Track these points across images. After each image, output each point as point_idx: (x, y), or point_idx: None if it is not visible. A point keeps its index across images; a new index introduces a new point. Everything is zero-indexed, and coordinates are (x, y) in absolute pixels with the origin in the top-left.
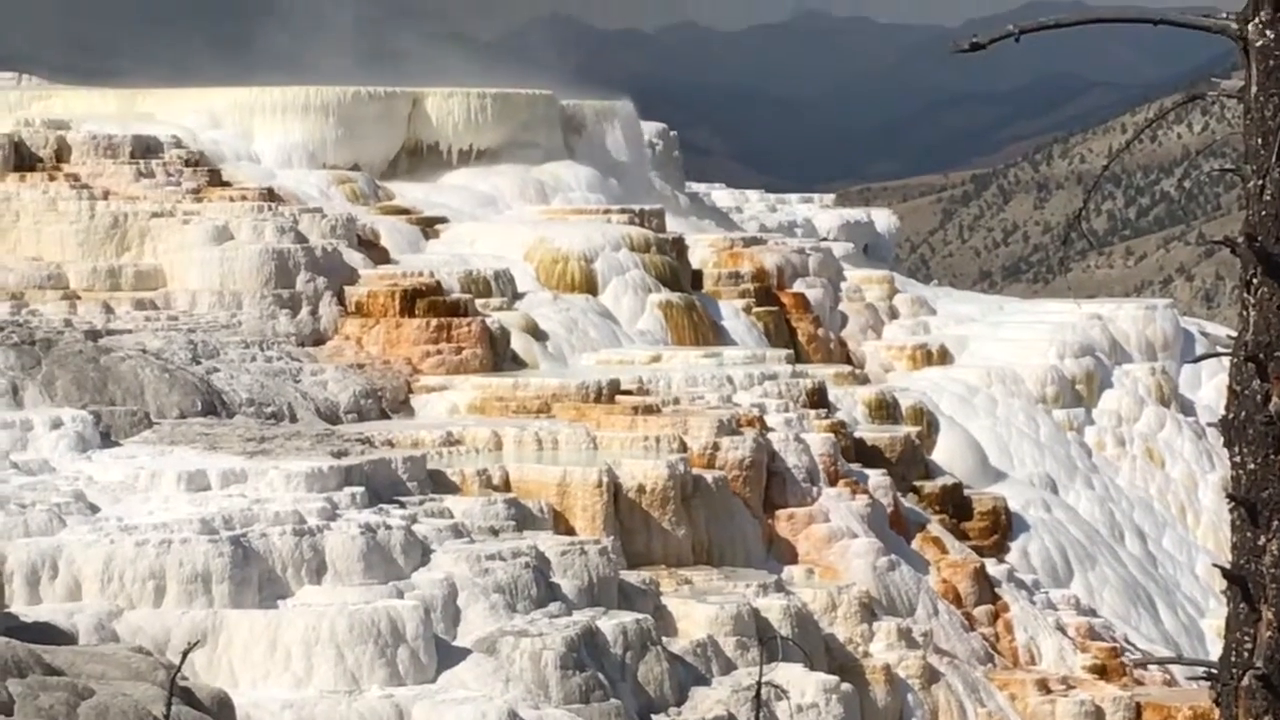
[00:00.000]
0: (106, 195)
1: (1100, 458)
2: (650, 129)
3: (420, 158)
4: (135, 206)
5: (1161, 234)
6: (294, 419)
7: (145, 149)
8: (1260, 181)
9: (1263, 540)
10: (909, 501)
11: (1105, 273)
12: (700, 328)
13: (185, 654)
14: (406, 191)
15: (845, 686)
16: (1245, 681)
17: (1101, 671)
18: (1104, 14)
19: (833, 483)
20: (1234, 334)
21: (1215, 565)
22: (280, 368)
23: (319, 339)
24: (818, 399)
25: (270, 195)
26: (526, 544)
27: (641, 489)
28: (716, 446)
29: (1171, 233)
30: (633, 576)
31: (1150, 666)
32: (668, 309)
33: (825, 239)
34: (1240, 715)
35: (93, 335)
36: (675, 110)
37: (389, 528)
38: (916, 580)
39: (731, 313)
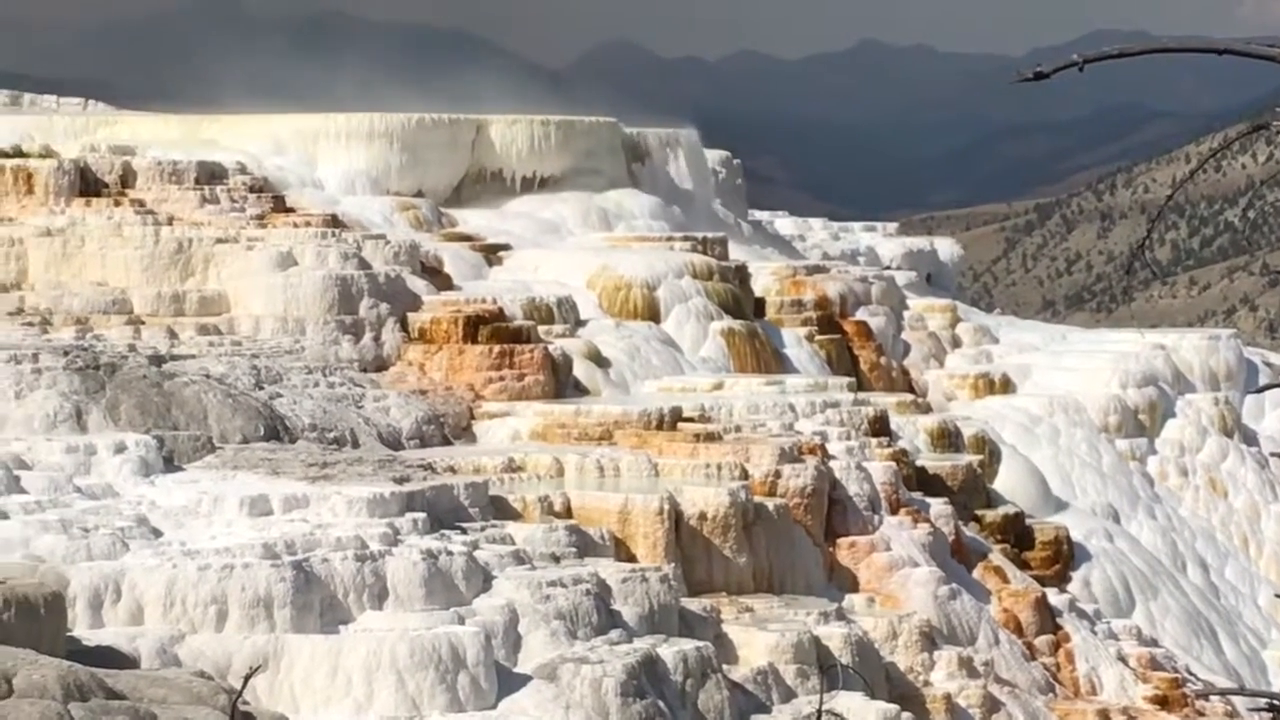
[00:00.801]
0: (171, 221)
1: (1163, 488)
2: (714, 157)
3: (484, 184)
4: (199, 232)
5: (1225, 264)
6: (356, 444)
7: (210, 175)
8: None
9: None
10: (970, 530)
11: (1169, 302)
12: (762, 355)
13: (247, 679)
14: (470, 218)
15: (906, 716)
16: None
17: (1163, 702)
18: (1168, 44)
19: (894, 511)
20: None
21: (1278, 596)
22: (343, 393)
23: (381, 365)
24: (880, 427)
25: (334, 221)
26: (587, 571)
27: (703, 516)
28: (778, 474)
29: (1235, 263)
30: (693, 604)
31: (1212, 698)
32: (730, 337)
33: (888, 267)
34: None
35: (156, 360)
36: (737, 139)
37: (450, 554)
38: (978, 609)
39: (794, 340)
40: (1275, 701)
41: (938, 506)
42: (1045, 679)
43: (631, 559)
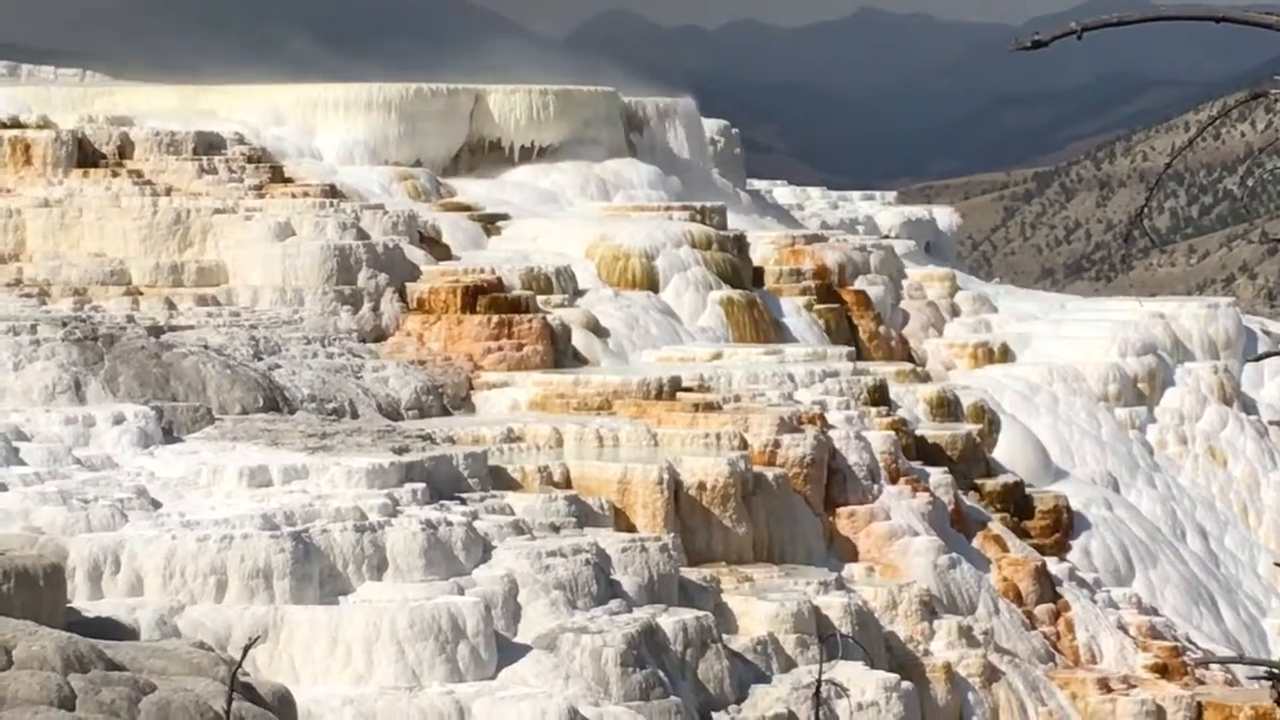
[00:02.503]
0: (169, 191)
1: (1162, 456)
2: (712, 126)
3: (482, 154)
4: (198, 203)
5: (1224, 232)
6: (355, 415)
7: (208, 145)
8: None
9: None
10: (970, 500)
11: (1167, 271)
12: (761, 325)
13: (246, 650)
14: (468, 188)
15: (905, 685)
16: None
17: (1163, 671)
18: (1166, 11)
19: (894, 480)
20: None
21: (1277, 564)
22: (342, 364)
23: (380, 335)
24: (879, 396)
25: (332, 192)
26: (587, 541)
27: (702, 486)
28: (777, 444)
29: (1234, 231)
30: (693, 574)
31: (1212, 666)
32: (729, 306)
33: (887, 236)
34: None
35: (155, 331)
36: (736, 107)
37: (450, 524)
38: (977, 579)
39: (793, 310)
40: (1275, 670)
41: (937, 476)
42: (1045, 648)
43: (631, 529)
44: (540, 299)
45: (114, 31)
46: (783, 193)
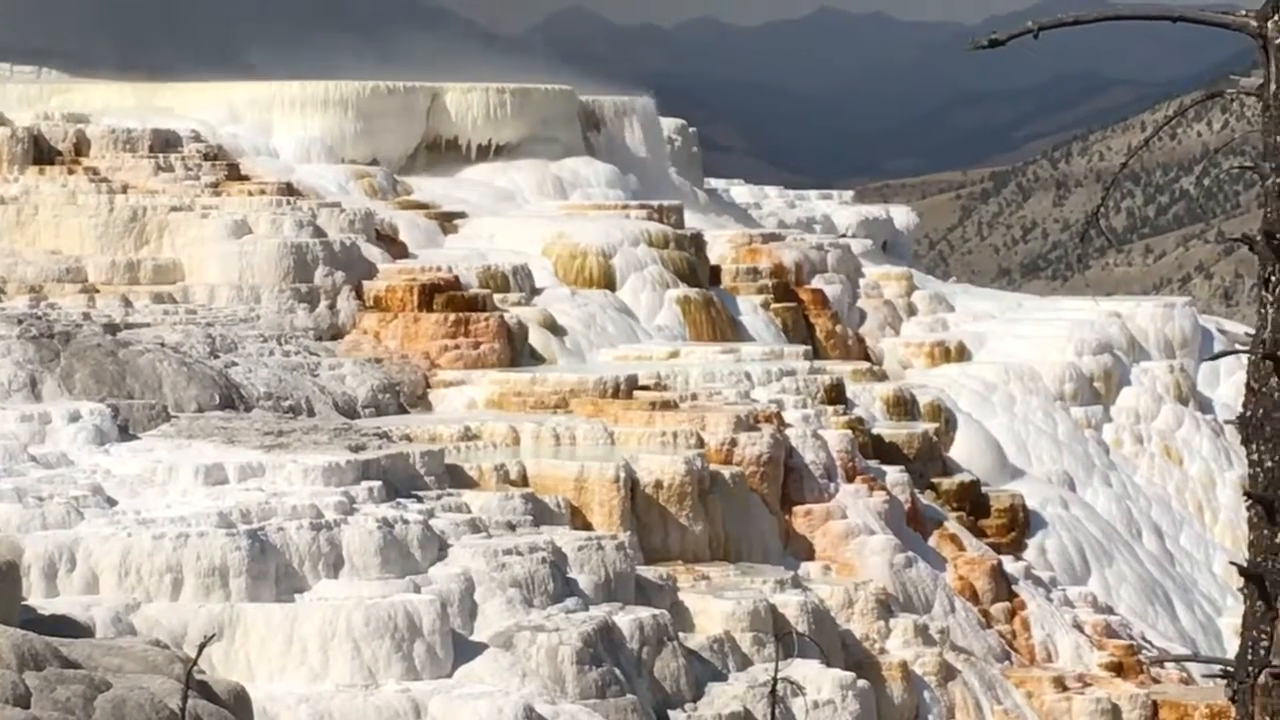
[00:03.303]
0: (125, 189)
1: (1118, 455)
2: (669, 125)
3: (439, 153)
4: (154, 200)
5: (1181, 232)
6: (312, 413)
7: (164, 143)
8: (1278, 179)
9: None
10: (926, 498)
11: (1124, 270)
12: (718, 323)
13: (201, 647)
14: (425, 186)
15: (862, 683)
16: (1261, 679)
17: (1118, 669)
18: (1123, 11)
19: (850, 479)
20: (1252, 332)
21: (1233, 563)
22: (298, 362)
23: (337, 333)
24: (835, 395)
25: (289, 189)
26: (544, 539)
27: (659, 484)
28: (734, 442)
29: (1191, 230)
30: (650, 572)
31: (1167, 664)
32: (686, 305)
33: (844, 235)
34: (1256, 713)
35: (111, 329)
36: (694, 106)
37: (406, 522)
38: (933, 577)
39: (750, 309)
40: (1230, 668)
41: (893, 474)
42: (1001, 646)
43: (587, 527)
44: (497, 297)
45: (71, 28)
46: (740, 192)
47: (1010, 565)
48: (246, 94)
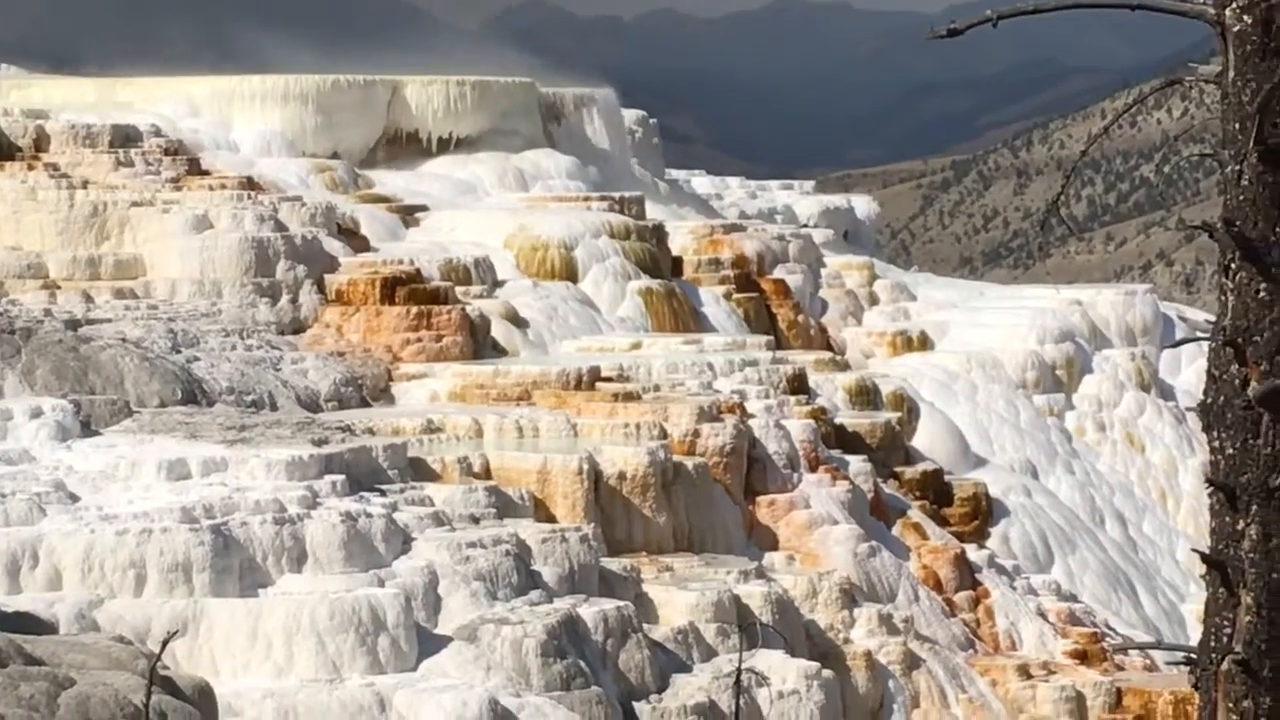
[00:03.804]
0: (86, 184)
1: (1080, 443)
2: (630, 116)
3: (400, 146)
4: (114, 195)
5: (1141, 219)
6: (274, 407)
7: (124, 138)
8: (1238, 167)
9: (1241, 525)
10: (889, 488)
11: (1085, 258)
12: (680, 314)
13: (165, 643)
14: (386, 180)
15: (826, 673)
16: (1224, 666)
17: (1082, 657)
18: None
19: (813, 469)
20: (1213, 319)
21: (1195, 550)
22: (260, 356)
23: (299, 327)
24: (798, 385)
25: (249, 184)
26: (507, 532)
27: (622, 476)
28: (697, 433)
29: (1151, 218)
30: (613, 564)
31: (1130, 652)
32: (648, 296)
33: (805, 225)
34: (1219, 700)
35: (72, 324)
36: (655, 98)
37: (369, 516)
38: (897, 566)
39: (712, 299)
40: (1193, 655)
41: (856, 464)
42: (965, 635)
43: (551, 519)
44: (459, 290)
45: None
46: (701, 182)
47: (974, 554)
48: (206, 88)
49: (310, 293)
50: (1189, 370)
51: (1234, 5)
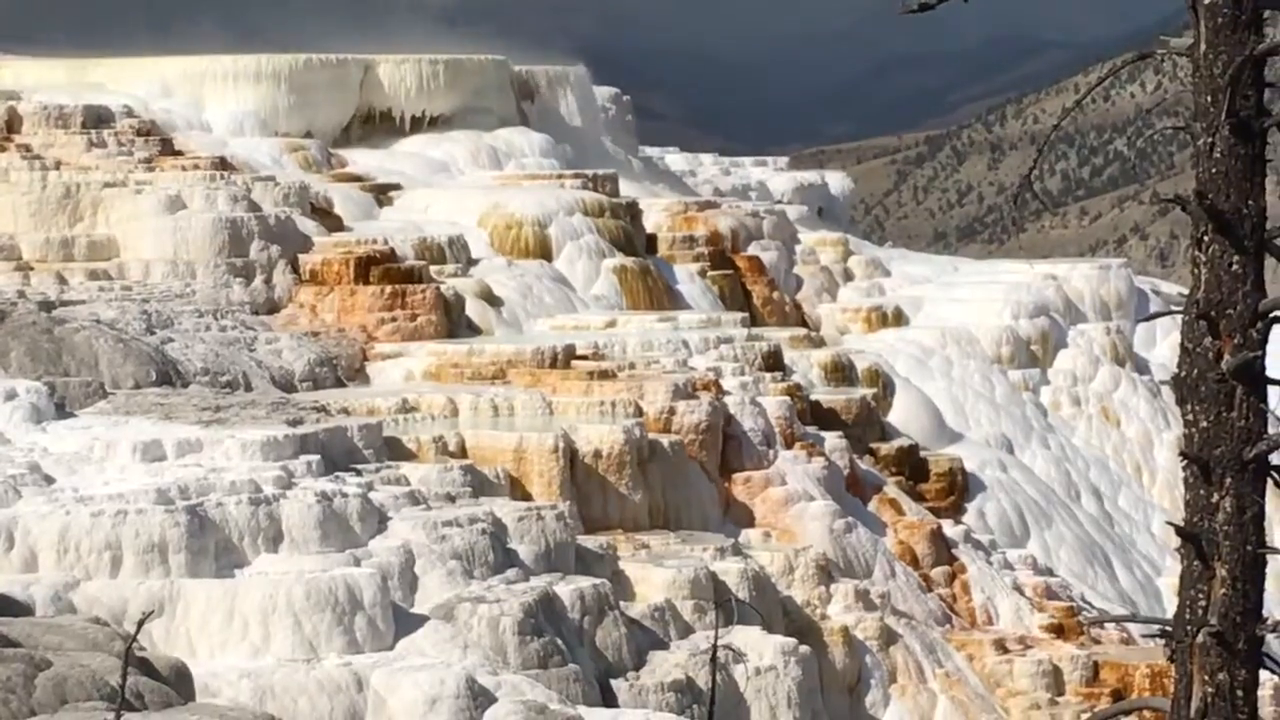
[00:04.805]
0: (58, 165)
1: (1056, 417)
2: (603, 94)
3: (373, 125)
4: (87, 176)
5: (1115, 193)
6: (249, 388)
7: (97, 119)
8: (1210, 139)
9: (1216, 498)
10: (865, 463)
11: (1060, 233)
12: (655, 292)
13: (140, 624)
14: (359, 159)
15: (803, 649)
16: (1200, 638)
17: (1058, 631)
18: None
19: (789, 445)
20: (1187, 292)
21: (1170, 523)
22: (235, 336)
23: (273, 307)
24: (773, 362)
25: (222, 164)
26: (483, 510)
27: (598, 454)
28: (672, 410)
29: (1125, 192)
30: (590, 541)
31: (1107, 625)
32: (622, 273)
33: (779, 202)
34: (1195, 672)
35: (46, 306)
36: (628, 74)
37: (345, 495)
38: (873, 542)
39: (686, 276)
40: (1169, 628)
41: (832, 440)
42: (941, 610)
43: (527, 497)
44: (433, 269)
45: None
46: (675, 159)
47: (950, 529)
48: (178, 68)
49: (284, 273)
50: (1164, 344)
51: None
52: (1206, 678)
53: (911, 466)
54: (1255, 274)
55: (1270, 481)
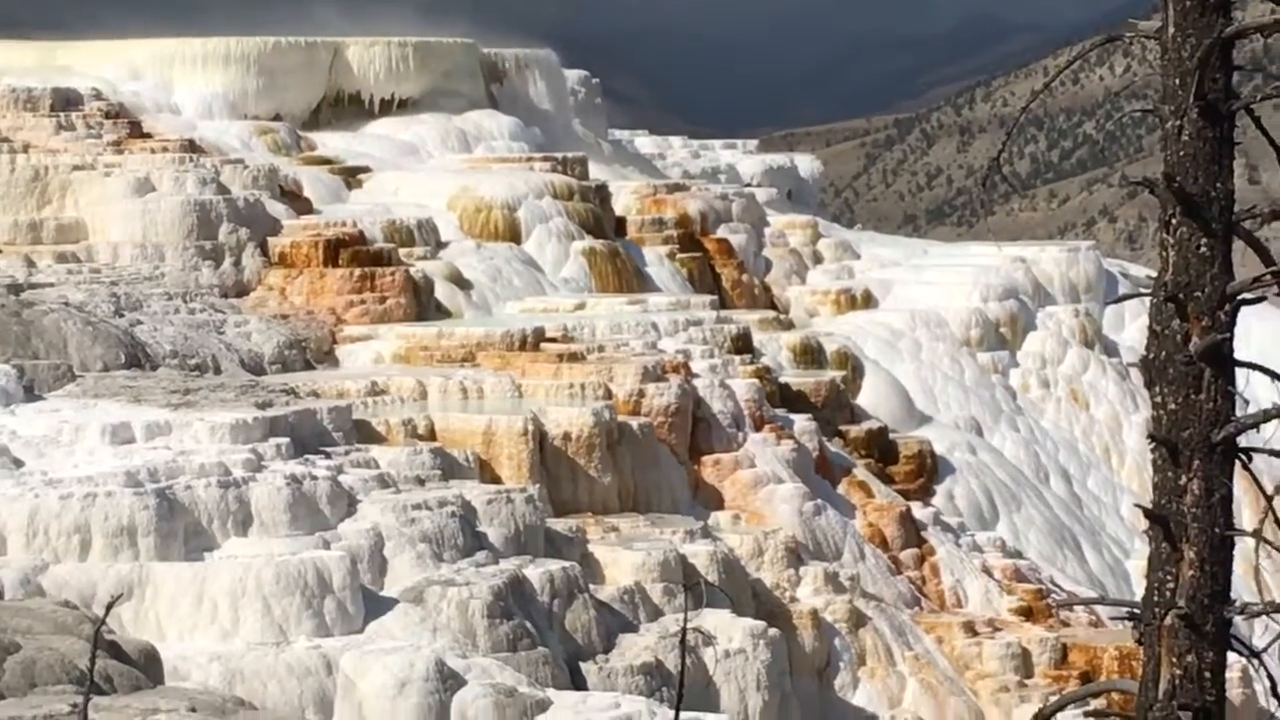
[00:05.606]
0: (27, 149)
1: (1025, 400)
2: (572, 76)
3: (342, 107)
4: (56, 159)
5: (1084, 176)
6: (218, 371)
7: (65, 102)
8: (1178, 122)
9: (1184, 480)
10: (834, 446)
11: (1029, 215)
12: (624, 275)
13: (109, 607)
14: (328, 141)
15: (772, 631)
16: (1168, 621)
17: (1027, 613)
18: None
19: (758, 428)
20: (1155, 275)
21: (1138, 506)
22: (204, 319)
23: (242, 290)
24: (742, 345)
25: (191, 147)
26: (452, 493)
27: (567, 437)
28: (641, 393)
29: (1094, 175)
30: (559, 524)
31: (1076, 607)
32: (591, 256)
33: (749, 185)
34: (1163, 654)
35: (15, 289)
36: (597, 58)
37: (314, 478)
38: (843, 525)
39: (655, 259)
40: (1137, 610)
41: (801, 423)
42: (911, 593)
43: (496, 480)
44: (402, 252)
45: None
46: (644, 142)
47: (919, 511)
48: (147, 51)
49: (253, 255)
50: (1132, 326)
51: None
52: (1175, 660)
53: (881, 449)
54: (1223, 256)
55: (1238, 464)
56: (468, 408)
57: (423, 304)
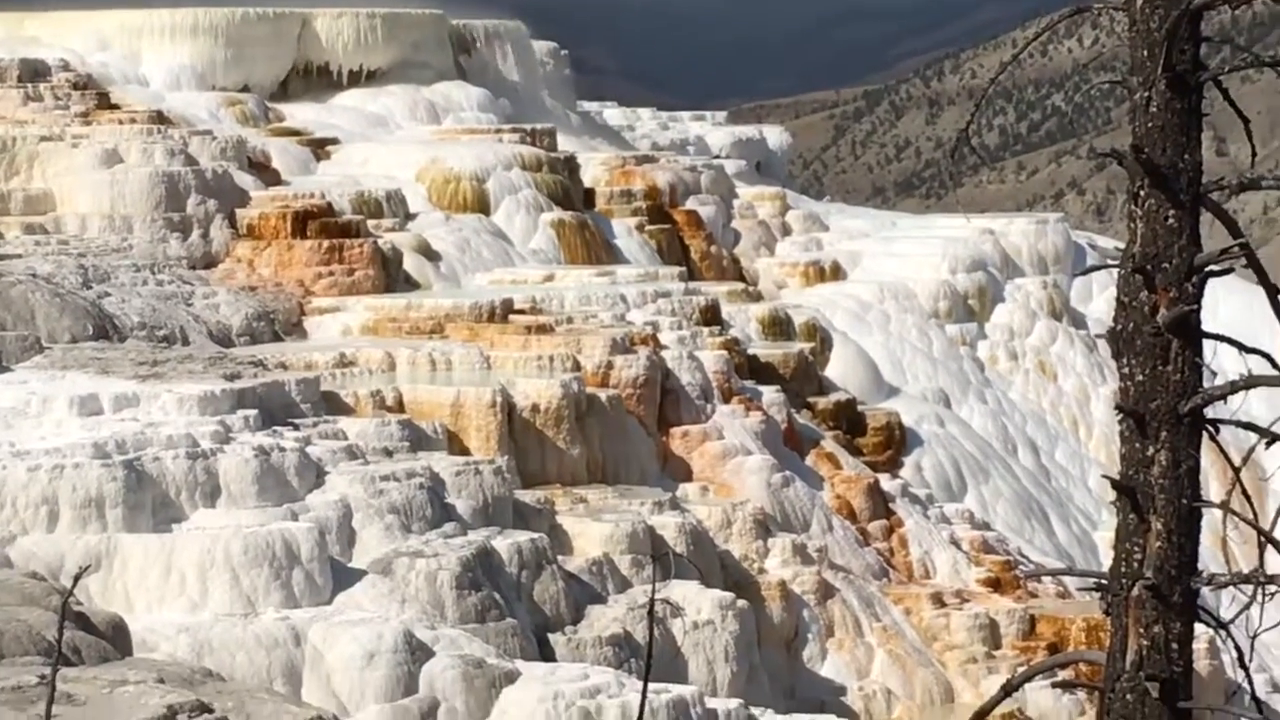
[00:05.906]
0: None
1: (993, 372)
2: (541, 48)
3: (310, 79)
4: (23, 130)
5: (1053, 148)
6: (186, 342)
7: (33, 73)
8: (1146, 94)
9: (1151, 451)
10: (803, 418)
11: (997, 187)
12: (593, 246)
13: (76, 579)
14: (297, 113)
15: (741, 603)
16: (1135, 592)
17: (995, 585)
18: None
19: (726, 400)
20: (1123, 246)
21: (1105, 477)
22: (172, 291)
23: (210, 262)
24: (711, 316)
25: (159, 118)
26: (421, 465)
27: (535, 408)
28: (610, 365)
29: (1063, 147)
30: (527, 496)
31: (1043, 579)
32: (560, 228)
33: (717, 156)
34: (1130, 625)
35: None
36: (566, 29)
37: (283, 450)
38: (811, 496)
39: (624, 231)
40: (1104, 581)
41: (770, 394)
42: (879, 564)
43: (465, 452)
44: (371, 223)
45: None
46: (613, 114)
47: (887, 483)
48: (115, 22)
49: (221, 227)
50: (1100, 298)
51: None
52: (1142, 631)
53: (849, 421)
54: (1191, 228)
55: (1205, 435)
56: (436, 379)
57: (391, 276)
